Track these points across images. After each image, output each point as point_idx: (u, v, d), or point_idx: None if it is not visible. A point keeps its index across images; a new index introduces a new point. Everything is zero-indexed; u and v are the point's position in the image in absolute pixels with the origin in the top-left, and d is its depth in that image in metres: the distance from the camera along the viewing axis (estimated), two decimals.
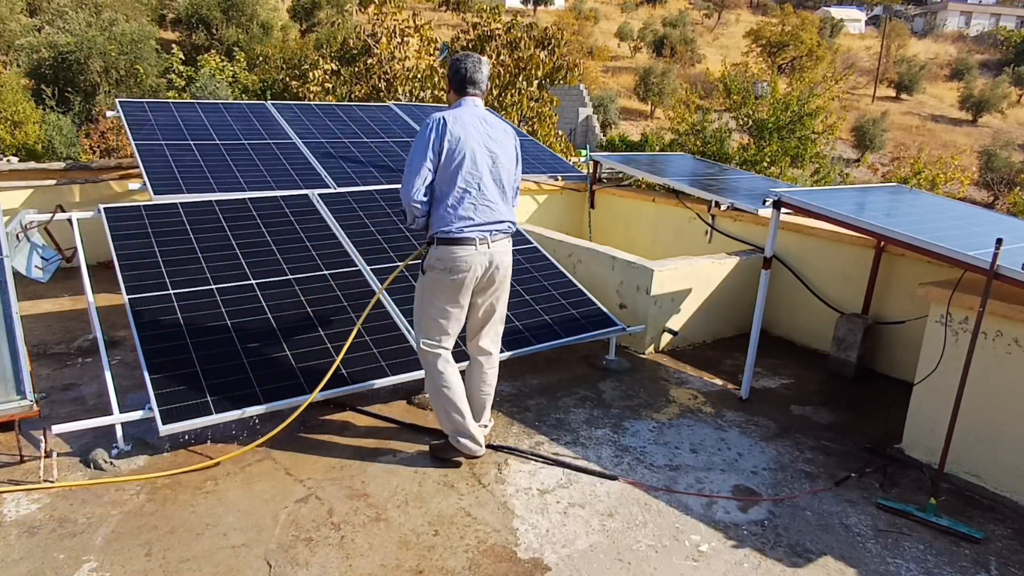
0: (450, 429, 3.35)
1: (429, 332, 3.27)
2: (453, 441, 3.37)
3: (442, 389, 3.28)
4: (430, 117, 3.16)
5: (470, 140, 3.13)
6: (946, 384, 3.46)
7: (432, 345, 3.28)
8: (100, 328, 3.73)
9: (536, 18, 36.55)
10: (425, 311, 3.26)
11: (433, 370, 3.29)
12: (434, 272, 3.18)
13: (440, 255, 3.14)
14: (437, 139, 3.08)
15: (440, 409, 3.33)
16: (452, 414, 3.31)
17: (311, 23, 29.92)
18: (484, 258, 3.17)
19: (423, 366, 3.36)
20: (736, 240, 5.82)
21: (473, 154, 3.13)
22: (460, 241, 3.12)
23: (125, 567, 2.63)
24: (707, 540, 2.97)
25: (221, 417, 3.32)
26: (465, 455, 3.40)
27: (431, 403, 3.41)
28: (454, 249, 3.12)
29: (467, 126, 3.14)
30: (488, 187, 3.18)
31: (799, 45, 34.76)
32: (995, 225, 4.20)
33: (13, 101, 13.89)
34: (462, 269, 3.14)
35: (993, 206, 21.56)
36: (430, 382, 3.33)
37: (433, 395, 3.34)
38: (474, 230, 3.13)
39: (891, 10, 54.16)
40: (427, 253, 3.22)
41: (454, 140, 3.09)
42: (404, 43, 11.97)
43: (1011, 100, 38.62)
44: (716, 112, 14.76)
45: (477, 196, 3.14)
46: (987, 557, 2.97)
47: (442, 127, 3.10)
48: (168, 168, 5.19)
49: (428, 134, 3.09)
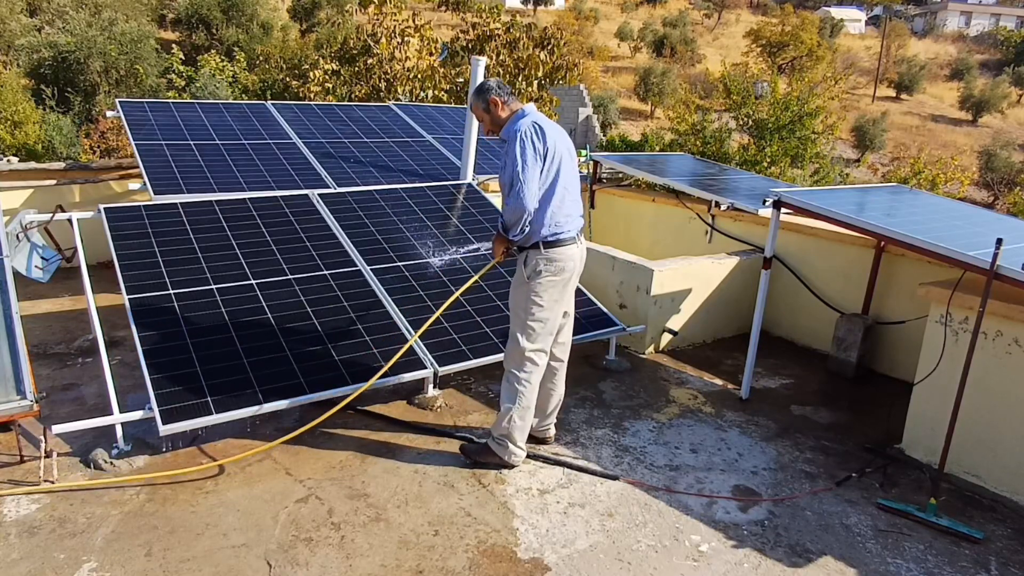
0: (508, 433, 3.34)
1: (536, 335, 3.27)
2: (498, 446, 3.38)
3: (527, 391, 3.30)
4: (519, 125, 3.17)
5: (559, 143, 3.22)
6: (946, 384, 3.46)
7: (538, 348, 3.29)
8: (100, 328, 3.72)
9: (536, 18, 36.53)
10: (534, 316, 3.25)
11: (529, 374, 3.29)
12: (544, 276, 3.21)
13: (550, 257, 3.20)
14: (542, 145, 3.13)
15: (516, 410, 3.30)
16: (525, 418, 3.34)
17: (311, 23, 29.91)
18: (580, 253, 3.31)
19: (515, 368, 3.32)
20: (736, 240, 5.82)
21: (563, 156, 3.23)
22: (567, 241, 3.22)
23: (125, 567, 2.63)
24: (707, 540, 2.97)
25: (221, 417, 3.31)
26: (506, 463, 3.40)
27: (505, 403, 3.34)
28: (563, 250, 3.21)
29: (549, 127, 3.21)
30: (574, 186, 3.31)
31: (799, 45, 34.74)
32: (995, 225, 4.20)
33: (13, 101, 13.88)
34: (568, 268, 3.25)
35: (993, 206, 21.56)
36: (517, 383, 3.30)
37: (514, 395, 3.30)
38: (574, 228, 3.26)
39: (891, 10, 54.13)
40: (527, 258, 3.24)
41: (551, 144, 3.16)
42: (404, 43, 11.96)
43: (1011, 100, 38.58)
44: (716, 112, 14.75)
45: (571, 195, 3.26)
46: (987, 557, 2.97)
47: (542, 132, 3.14)
48: (168, 168, 5.19)
49: (532, 141, 3.12)
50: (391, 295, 4.31)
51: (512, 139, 3.15)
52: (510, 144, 3.15)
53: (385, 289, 4.34)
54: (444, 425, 3.81)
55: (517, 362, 3.31)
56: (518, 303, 3.31)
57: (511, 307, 3.37)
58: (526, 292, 3.25)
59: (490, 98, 3.28)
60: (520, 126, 3.16)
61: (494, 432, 3.41)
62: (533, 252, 3.22)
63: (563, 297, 3.32)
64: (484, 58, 5.72)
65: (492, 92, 3.28)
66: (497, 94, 3.28)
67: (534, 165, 3.10)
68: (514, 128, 3.18)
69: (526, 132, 3.13)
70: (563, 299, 3.33)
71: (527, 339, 3.27)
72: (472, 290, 4.53)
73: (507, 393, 3.34)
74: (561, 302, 3.32)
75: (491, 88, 3.29)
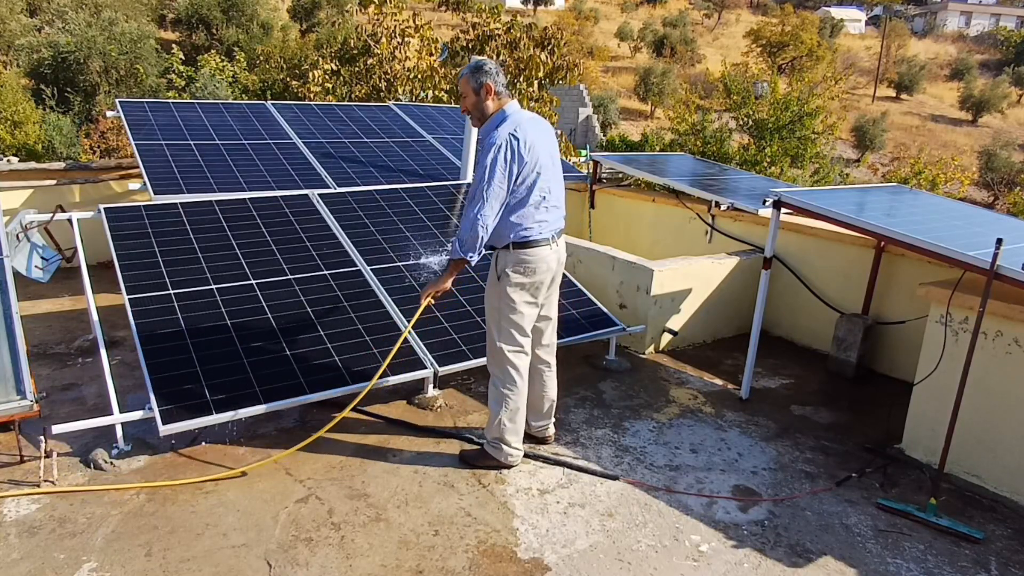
0: (500, 436, 3.34)
1: (511, 336, 3.26)
2: (493, 449, 3.38)
3: (513, 393, 3.29)
4: (497, 135, 3.07)
5: (539, 149, 3.14)
6: (946, 384, 3.46)
7: (516, 349, 3.27)
8: (100, 328, 3.73)
9: (536, 18, 36.53)
10: (504, 315, 3.24)
11: (513, 373, 3.28)
12: (513, 276, 3.19)
13: (520, 258, 3.17)
14: (514, 160, 3.05)
15: (504, 413, 3.30)
16: (516, 420, 3.33)
17: (311, 23, 29.91)
18: (555, 256, 3.28)
19: (497, 371, 3.33)
20: (736, 240, 5.82)
21: (543, 163, 3.16)
22: (538, 243, 3.18)
23: (125, 567, 2.63)
24: (707, 540, 2.97)
25: (221, 417, 3.32)
26: (504, 464, 3.40)
27: (493, 408, 3.35)
28: (534, 251, 3.18)
29: (531, 133, 3.12)
30: (555, 190, 3.27)
31: (799, 45, 34.74)
32: (995, 225, 4.20)
33: (13, 101, 13.89)
34: (541, 271, 3.21)
35: (993, 206, 21.56)
36: (502, 386, 3.30)
37: (500, 399, 3.31)
38: (547, 231, 3.22)
39: (891, 10, 54.13)
40: (497, 259, 3.23)
41: (528, 153, 3.08)
42: (404, 43, 11.95)
43: (1011, 100, 38.58)
44: (716, 112, 14.76)
45: (549, 200, 3.22)
46: (987, 557, 2.97)
47: (516, 145, 3.05)
48: (168, 168, 5.19)
49: (506, 156, 3.03)
50: (391, 295, 4.31)
51: (487, 150, 3.07)
52: (483, 154, 3.07)
53: (385, 289, 4.34)
54: (444, 425, 3.81)
55: (498, 364, 3.31)
56: (491, 303, 3.31)
57: (486, 307, 3.37)
58: (498, 292, 3.24)
59: (485, 82, 3.14)
60: (497, 137, 3.06)
61: (487, 436, 3.42)
62: (503, 252, 3.20)
63: (537, 298, 3.28)
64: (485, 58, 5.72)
65: (489, 77, 3.14)
66: (494, 81, 3.14)
67: (499, 185, 3.03)
68: (492, 138, 3.08)
69: (501, 146, 3.03)
70: (537, 300, 3.29)
71: (502, 339, 3.27)
72: (472, 290, 4.53)
73: (493, 398, 3.34)
74: (535, 304, 3.29)
75: (489, 72, 3.14)
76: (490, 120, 3.18)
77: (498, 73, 3.17)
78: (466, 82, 3.18)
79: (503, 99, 3.19)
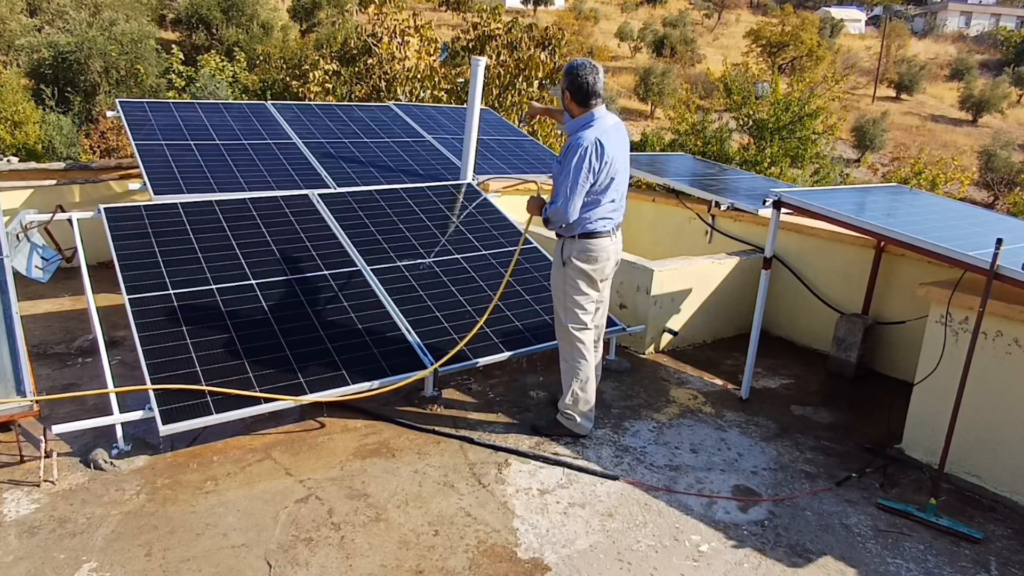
0: (573, 407, 3.65)
1: (576, 316, 3.61)
2: (567, 420, 3.69)
3: (582, 365, 3.62)
4: (581, 137, 3.35)
5: (618, 157, 3.45)
6: (946, 384, 3.46)
7: (581, 327, 3.62)
8: (100, 328, 3.72)
9: (536, 18, 36.56)
10: (569, 296, 3.59)
11: (581, 348, 3.62)
12: (577, 263, 3.53)
13: (583, 247, 3.51)
14: (597, 160, 3.35)
15: (576, 383, 3.63)
16: (587, 389, 3.65)
17: (311, 23, 29.90)
18: (614, 247, 3.61)
19: (567, 347, 3.66)
20: (736, 240, 5.81)
21: (619, 167, 3.48)
22: (600, 234, 3.52)
23: (125, 567, 2.63)
24: (707, 540, 2.97)
25: (221, 417, 3.32)
26: (575, 433, 3.71)
27: (566, 380, 3.65)
28: (596, 241, 3.52)
29: (613, 142, 3.42)
30: (623, 191, 3.58)
31: (799, 45, 34.73)
32: (995, 225, 4.20)
33: (13, 101, 13.88)
34: (601, 258, 3.56)
35: (993, 206, 21.55)
36: (573, 361, 3.63)
37: (571, 372, 3.64)
38: (610, 225, 3.55)
39: (891, 10, 54.13)
40: (563, 246, 3.56)
41: (608, 159, 3.38)
42: (404, 43, 11.95)
43: (1011, 100, 38.56)
44: (716, 112, 14.76)
45: (618, 201, 3.56)
46: (987, 557, 2.97)
47: (600, 149, 3.35)
48: (168, 168, 5.19)
49: (587, 157, 3.33)
50: (391, 295, 4.31)
51: (573, 151, 3.34)
52: (570, 154, 3.35)
53: (385, 289, 4.34)
54: (444, 425, 3.81)
55: (567, 341, 3.65)
56: (556, 286, 3.66)
57: (552, 291, 3.74)
58: (562, 276, 3.60)
59: (568, 95, 3.47)
60: (583, 140, 3.34)
61: (560, 407, 3.70)
62: (569, 241, 3.54)
63: (597, 282, 3.62)
64: (484, 58, 5.72)
65: (569, 91, 3.44)
66: (571, 94, 3.43)
67: (584, 183, 3.35)
68: (579, 139, 3.35)
69: (587, 150, 3.32)
70: (600, 287, 3.65)
71: (568, 319, 3.62)
72: (472, 291, 4.53)
73: (566, 372, 3.67)
74: (599, 289, 3.65)
75: (575, 89, 3.41)
76: (578, 122, 3.45)
77: (591, 84, 3.42)
78: (562, 86, 3.51)
79: (588, 108, 3.45)
